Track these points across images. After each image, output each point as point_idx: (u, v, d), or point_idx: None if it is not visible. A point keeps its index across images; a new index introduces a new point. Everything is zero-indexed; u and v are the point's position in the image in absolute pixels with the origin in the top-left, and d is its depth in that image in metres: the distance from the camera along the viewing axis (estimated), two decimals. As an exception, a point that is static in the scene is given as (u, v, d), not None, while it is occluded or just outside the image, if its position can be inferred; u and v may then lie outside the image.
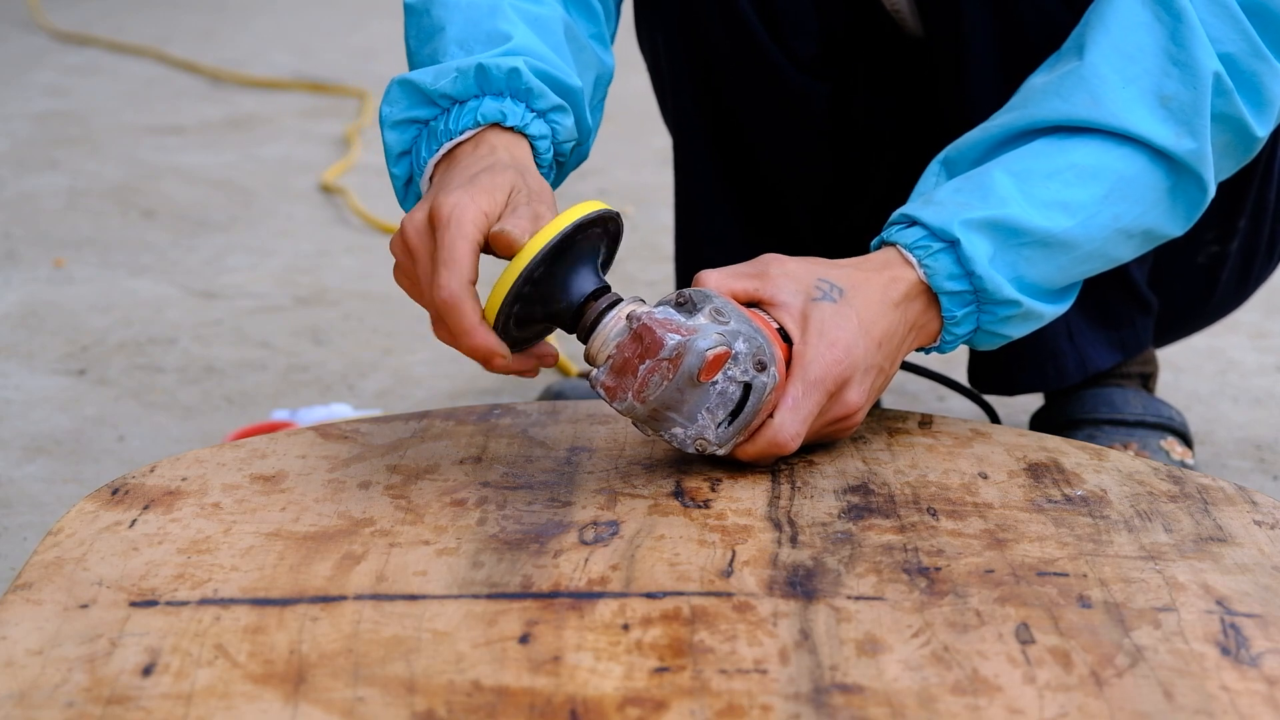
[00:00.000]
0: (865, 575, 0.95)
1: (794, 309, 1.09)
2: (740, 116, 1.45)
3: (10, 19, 4.15)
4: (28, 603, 0.92)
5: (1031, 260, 1.13)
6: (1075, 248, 1.14)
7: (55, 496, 1.56)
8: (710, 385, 1.05)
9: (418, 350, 1.94)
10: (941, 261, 1.11)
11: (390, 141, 1.15)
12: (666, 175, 2.69)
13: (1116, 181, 1.14)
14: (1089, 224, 1.14)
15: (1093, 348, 1.43)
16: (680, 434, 1.06)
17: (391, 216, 2.46)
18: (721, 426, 1.06)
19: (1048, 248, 1.13)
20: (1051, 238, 1.13)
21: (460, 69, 1.12)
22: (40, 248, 2.34)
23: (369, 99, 3.23)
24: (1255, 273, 1.50)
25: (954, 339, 1.15)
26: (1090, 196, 1.14)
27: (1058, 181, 1.13)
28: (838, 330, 1.08)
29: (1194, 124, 1.14)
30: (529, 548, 0.99)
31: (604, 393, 1.05)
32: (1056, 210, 1.13)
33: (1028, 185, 1.13)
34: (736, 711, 0.81)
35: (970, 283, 1.12)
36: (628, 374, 1.04)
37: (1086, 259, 1.16)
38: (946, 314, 1.13)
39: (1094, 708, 0.82)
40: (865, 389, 1.10)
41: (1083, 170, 1.14)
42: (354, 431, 1.17)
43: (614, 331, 1.05)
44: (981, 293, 1.12)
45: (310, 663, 0.86)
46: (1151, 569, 0.96)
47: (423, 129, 1.14)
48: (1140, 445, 1.47)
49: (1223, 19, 1.15)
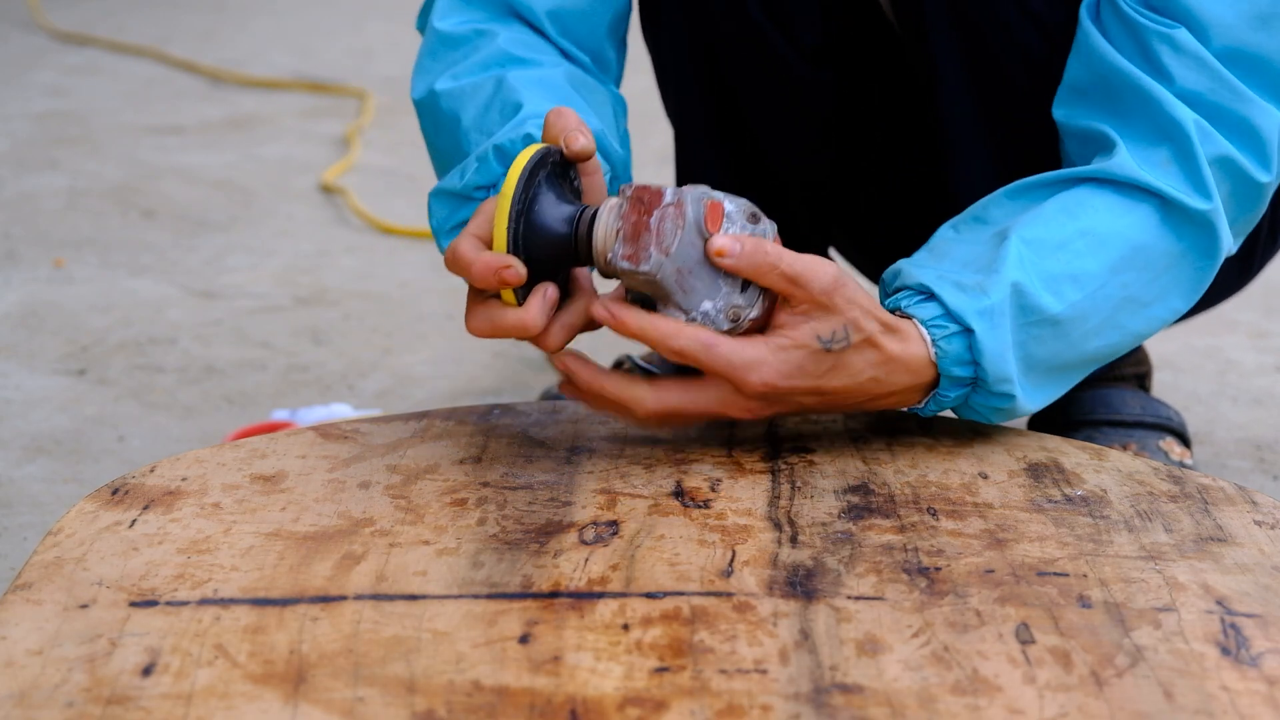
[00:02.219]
0: (865, 575, 0.95)
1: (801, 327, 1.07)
2: (743, 106, 1.45)
3: (10, 19, 4.15)
4: (28, 603, 0.92)
5: (1040, 339, 1.12)
6: (1084, 322, 1.13)
7: (55, 496, 1.56)
8: None
9: (418, 350, 1.94)
10: (955, 345, 1.10)
11: (445, 246, 1.16)
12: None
13: (1127, 250, 1.13)
14: (1097, 296, 1.13)
15: None
16: (711, 309, 1.05)
17: (391, 216, 2.46)
18: (747, 291, 1.05)
19: (1056, 326, 1.12)
20: (1058, 317, 1.12)
21: (479, 157, 1.14)
22: (40, 248, 2.35)
23: (369, 99, 3.23)
24: (1258, 255, 1.50)
25: (936, 409, 1.14)
26: (1100, 266, 1.13)
27: (1068, 253, 1.12)
28: (803, 363, 1.07)
29: (1199, 178, 1.14)
30: (529, 548, 0.99)
31: (627, 264, 1.03)
32: (1066, 284, 1.12)
33: (1040, 258, 1.12)
34: (736, 711, 0.81)
35: (974, 371, 1.11)
36: (641, 233, 1.03)
37: (1096, 333, 1.14)
38: (939, 393, 1.12)
39: (1094, 708, 0.82)
40: (760, 409, 1.09)
41: (1094, 239, 1.13)
42: (354, 431, 1.17)
43: (612, 214, 1.05)
44: (980, 381, 1.11)
45: (310, 663, 0.86)
46: (1152, 569, 0.96)
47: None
48: (1139, 446, 1.47)
49: (1195, 69, 1.15)
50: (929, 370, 1.10)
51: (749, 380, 1.06)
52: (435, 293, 2.14)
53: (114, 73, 3.57)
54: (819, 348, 1.06)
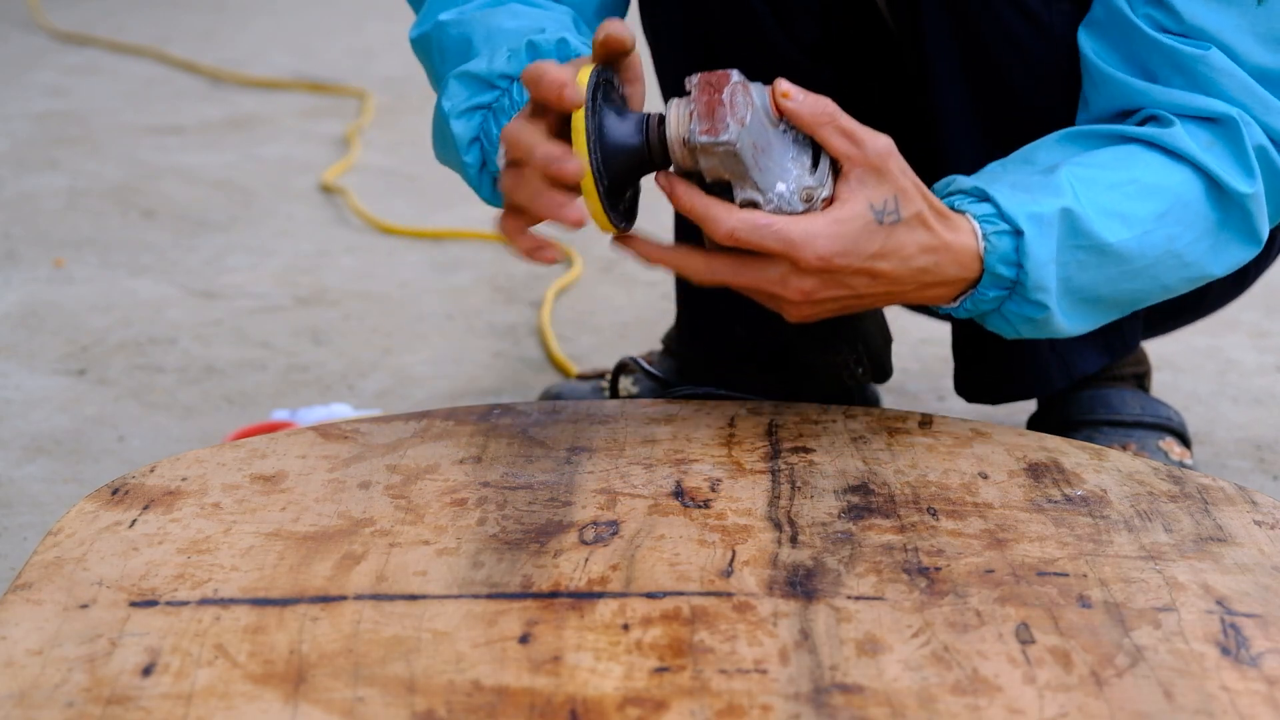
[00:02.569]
0: (865, 575, 0.95)
1: (857, 191, 1.09)
2: None
3: (10, 19, 4.15)
4: (28, 603, 0.92)
5: (1084, 265, 1.14)
6: (1127, 262, 1.15)
7: (55, 496, 1.56)
8: (783, 131, 1.07)
9: (418, 350, 1.94)
10: (1004, 243, 1.12)
11: (459, 131, 1.17)
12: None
13: (1174, 203, 1.16)
14: (1144, 240, 1.15)
15: (1077, 353, 1.43)
16: (785, 190, 1.07)
17: (391, 216, 2.46)
18: (819, 171, 1.07)
19: (1103, 255, 1.14)
20: (1108, 247, 1.14)
21: (511, 49, 1.15)
22: (40, 248, 2.34)
23: (369, 99, 3.23)
24: (1253, 263, 1.50)
25: (970, 311, 1.16)
26: (1149, 213, 1.16)
27: (1119, 193, 1.15)
28: (858, 237, 1.08)
29: (1245, 162, 1.17)
30: (529, 548, 0.99)
31: (707, 138, 1.05)
32: (1115, 220, 1.14)
33: (1091, 191, 1.14)
34: (736, 711, 0.81)
35: (1016, 274, 1.13)
36: (716, 108, 1.06)
37: (1135, 275, 1.17)
38: (979, 290, 1.13)
39: (1094, 708, 0.82)
40: (815, 290, 1.09)
41: (1144, 186, 1.16)
42: (354, 431, 1.17)
43: (681, 105, 1.07)
44: (1019, 286, 1.13)
45: (310, 663, 0.86)
46: (1151, 569, 0.96)
47: (488, 112, 1.16)
48: (1139, 446, 1.47)
49: (1235, 85, 1.19)
50: (975, 265, 1.12)
51: (804, 255, 1.06)
52: (435, 293, 2.14)
53: (114, 73, 3.57)
54: (872, 219, 1.07)
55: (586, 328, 2.01)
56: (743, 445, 1.15)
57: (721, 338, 1.55)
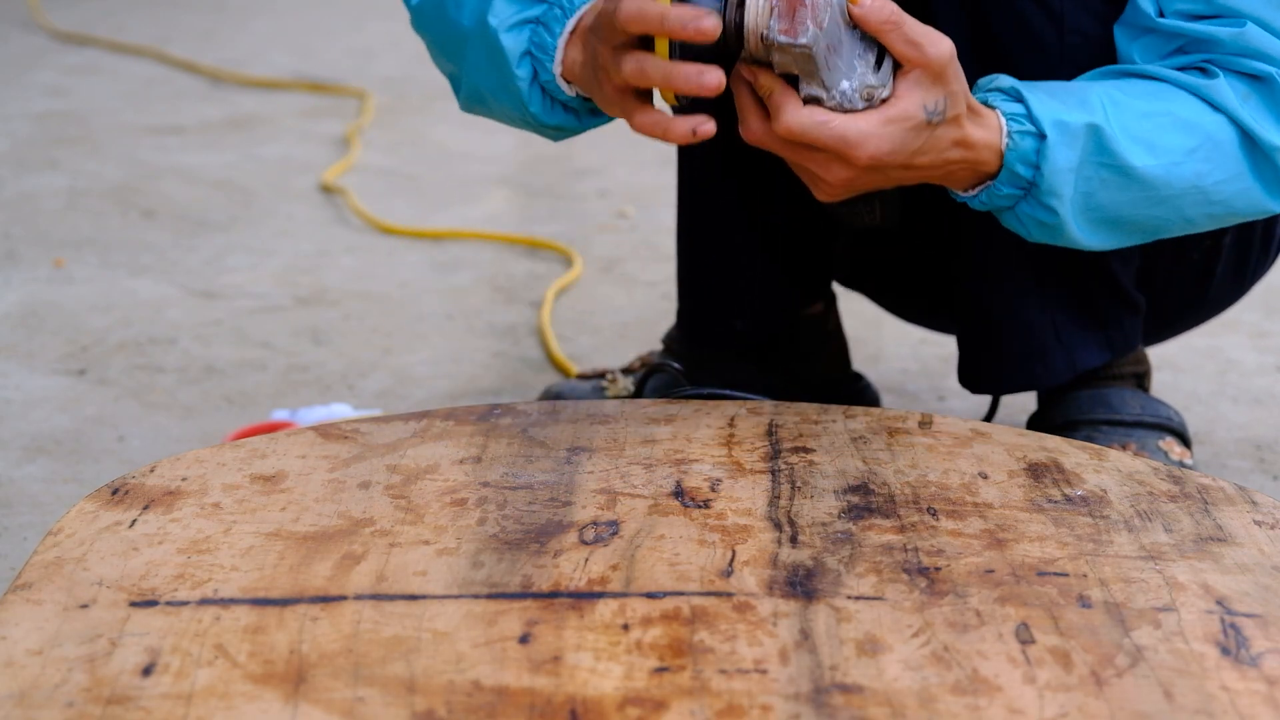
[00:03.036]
0: (865, 575, 0.95)
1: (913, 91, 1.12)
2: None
3: (10, 19, 4.15)
4: (28, 603, 0.92)
5: (1106, 184, 1.18)
6: (1152, 188, 1.19)
7: (55, 496, 1.56)
8: (852, 29, 1.09)
9: (418, 350, 1.94)
10: (1026, 144, 1.16)
11: (509, 46, 1.19)
12: (667, 175, 2.69)
13: (1206, 141, 1.20)
14: (1170, 171, 1.19)
15: (1081, 347, 1.43)
16: (848, 88, 1.10)
17: (391, 216, 2.46)
18: (882, 70, 1.11)
19: (1126, 178, 1.18)
20: (1132, 170, 1.18)
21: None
22: (40, 248, 2.34)
23: (369, 99, 3.23)
24: (1251, 267, 1.50)
25: (984, 204, 1.20)
26: (1179, 146, 1.19)
27: (1151, 123, 1.19)
28: (907, 137, 1.12)
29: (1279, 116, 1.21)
30: (529, 548, 0.99)
31: (785, 38, 1.08)
32: (1143, 147, 1.18)
33: (1124, 116, 1.18)
34: (736, 711, 0.81)
35: (1033, 175, 1.17)
36: (797, 7, 1.08)
37: (1159, 203, 1.20)
38: (995, 185, 1.18)
39: (1094, 708, 0.82)
40: (855, 179, 1.14)
41: (1177, 120, 1.20)
42: (354, 431, 1.17)
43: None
44: (1035, 188, 1.17)
45: (310, 663, 0.86)
46: (1151, 569, 0.96)
47: (536, 25, 1.19)
48: (1139, 445, 1.47)
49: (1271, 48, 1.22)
50: (995, 161, 1.17)
51: (857, 155, 1.11)
52: (435, 293, 2.14)
53: (114, 73, 3.57)
54: (923, 120, 1.12)
55: (586, 328, 2.01)
56: (743, 445, 1.15)
57: (720, 331, 1.55)
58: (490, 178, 2.73)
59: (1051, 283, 1.38)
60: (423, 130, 3.05)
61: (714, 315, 1.55)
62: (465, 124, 3.12)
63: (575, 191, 2.64)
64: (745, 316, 1.54)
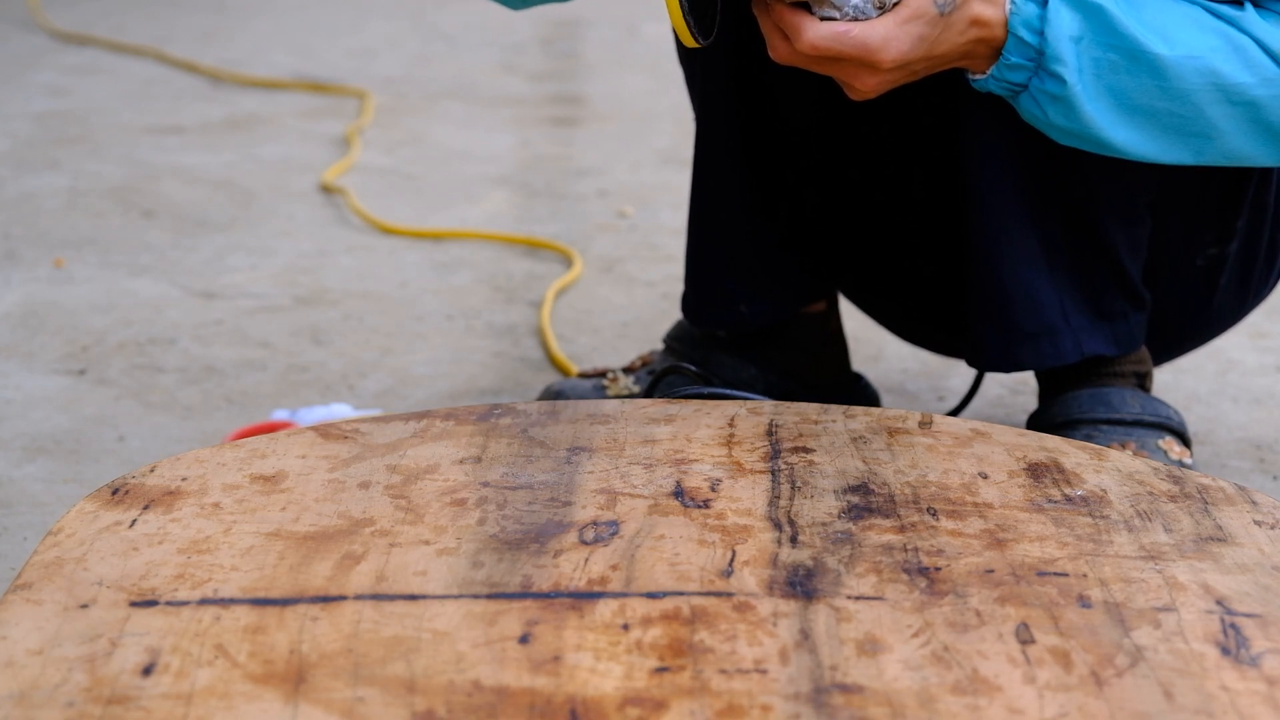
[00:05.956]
0: (865, 575, 0.95)
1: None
2: (775, 92, 1.46)
3: (10, 19, 4.15)
4: (28, 603, 0.92)
5: (1116, 67, 1.21)
6: (1163, 78, 1.21)
7: (55, 496, 1.56)
8: None
9: (418, 350, 1.94)
10: (1028, 9, 1.20)
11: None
12: (667, 175, 2.69)
13: (1228, 46, 1.22)
14: (1184, 64, 1.21)
15: (1087, 333, 1.44)
16: (860, 1, 1.16)
17: (391, 216, 2.46)
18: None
19: (1135, 62, 1.20)
20: (1141, 53, 1.20)
21: None
22: (40, 248, 2.34)
23: (369, 99, 3.23)
24: (1255, 281, 1.51)
25: (999, 83, 1.23)
26: (1198, 44, 1.21)
27: (1167, 17, 1.22)
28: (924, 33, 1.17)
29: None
30: (529, 548, 0.99)
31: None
32: (1157, 35, 1.21)
33: (1138, 8, 1.21)
34: (736, 711, 0.81)
35: (1039, 42, 1.20)
36: None
37: (1173, 96, 1.22)
38: (1004, 56, 1.21)
39: (1094, 708, 0.82)
40: (884, 82, 1.20)
41: (1202, 22, 1.22)
42: (354, 431, 1.17)
43: None
44: (1043, 56, 1.20)
45: (310, 663, 0.86)
46: (1151, 569, 0.96)
47: None
48: (1138, 445, 1.47)
49: None
50: (1002, 30, 1.20)
51: (881, 59, 1.16)
52: (435, 293, 2.14)
53: (114, 73, 3.57)
54: (935, 13, 1.17)
55: (586, 328, 2.01)
56: (743, 445, 1.15)
57: (723, 312, 1.55)
58: (490, 178, 2.73)
59: (1061, 264, 1.39)
60: (423, 130, 3.05)
61: (719, 294, 1.55)
62: (465, 124, 3.12)
63: (575, 191, 2.64)
64: (750, 300, 1.55)
